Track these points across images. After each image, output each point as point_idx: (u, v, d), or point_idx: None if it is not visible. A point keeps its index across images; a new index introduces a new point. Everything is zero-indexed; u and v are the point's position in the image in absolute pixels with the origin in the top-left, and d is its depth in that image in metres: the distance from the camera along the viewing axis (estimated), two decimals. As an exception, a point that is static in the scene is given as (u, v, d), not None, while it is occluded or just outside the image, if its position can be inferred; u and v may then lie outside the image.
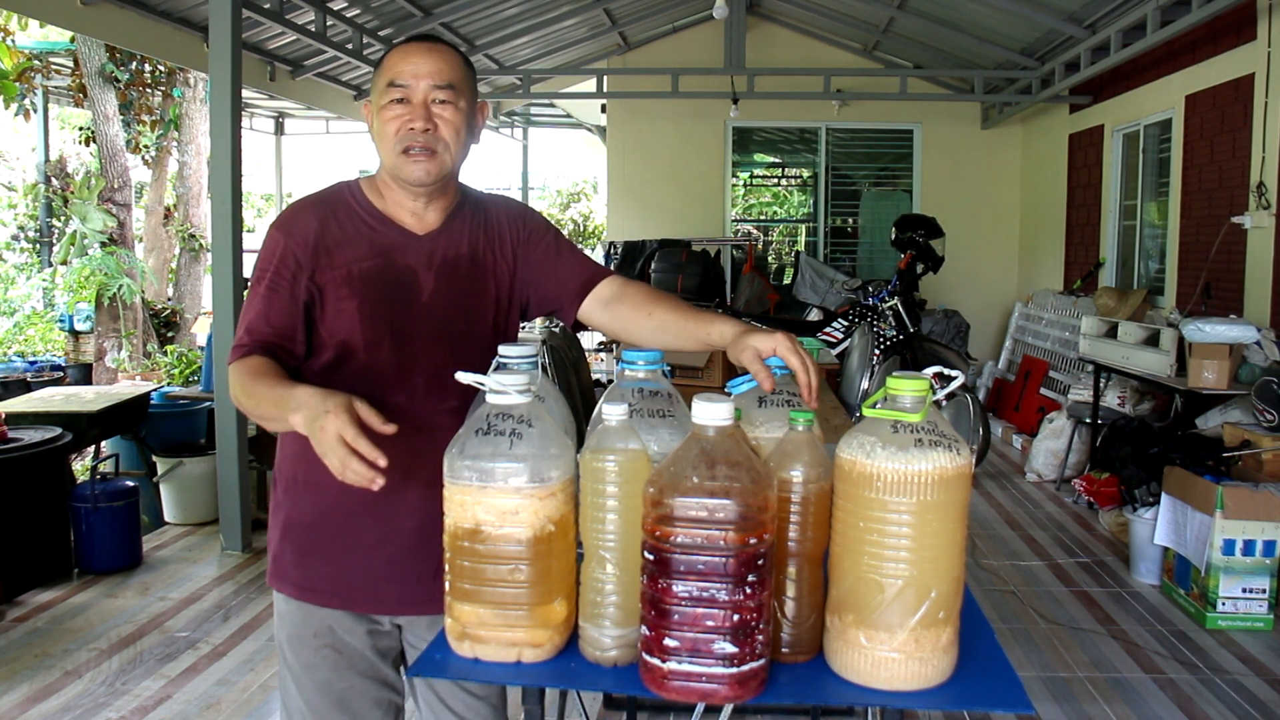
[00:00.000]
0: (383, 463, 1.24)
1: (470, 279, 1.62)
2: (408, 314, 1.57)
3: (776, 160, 10.04)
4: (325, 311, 1.55)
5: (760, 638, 1.10)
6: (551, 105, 12.78)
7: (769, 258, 10.06)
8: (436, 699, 1.69)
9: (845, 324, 5.89)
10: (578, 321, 1.70)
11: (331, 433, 1.24)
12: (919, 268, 5.85)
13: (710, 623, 1.07)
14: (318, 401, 1.29)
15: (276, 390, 1.40)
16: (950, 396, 4.28)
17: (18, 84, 8.73)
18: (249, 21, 5.53)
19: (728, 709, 1.28)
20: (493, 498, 1.20)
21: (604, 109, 9.63)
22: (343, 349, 1.55)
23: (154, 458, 5.13)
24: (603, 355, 7.59)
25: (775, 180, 10.04)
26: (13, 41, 8.70)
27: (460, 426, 1.52)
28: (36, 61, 8.85)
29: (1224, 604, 3.65)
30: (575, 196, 17.12)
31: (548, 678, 1.21)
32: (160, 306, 9.93)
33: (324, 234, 1.56)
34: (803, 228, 9.78)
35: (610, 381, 1.52)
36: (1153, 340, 5.00)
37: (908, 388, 1.15)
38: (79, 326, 9.32)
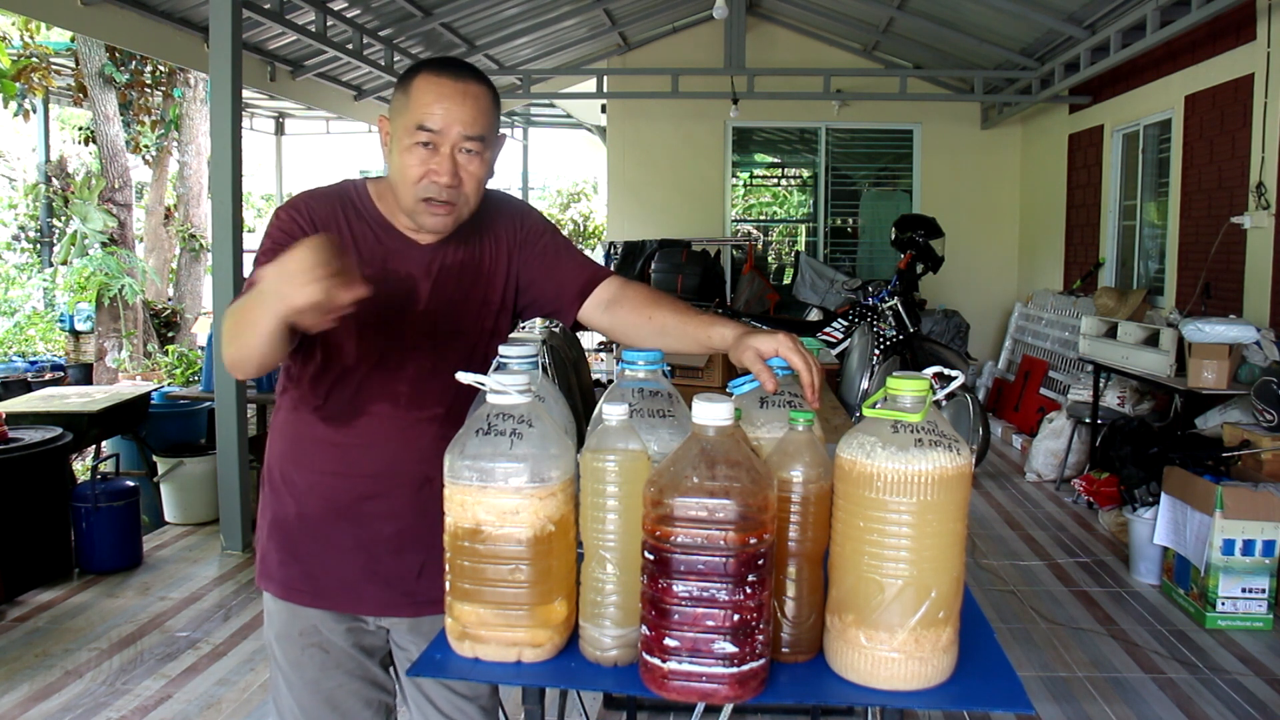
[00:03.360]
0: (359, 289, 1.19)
1: (466, 285, 1.60)
2: (403, 323, 1.55)
3: (776, 160, 10.04)
4: None
5: (760, 637, 1.10)
6: (551, 105, 12.78)
7: (769, 258, 10.06)
8: (425, 700, 1.69)
9: (845, 324, 5.89)
10: (576, 322, 1.68)
11: (294, 265, 1.19)
12: (919, 268, 5.85)
13: (710, 623, 1.07)
14: (277, 263, 1.22)
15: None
16: (950, 396, 4.29)
17: (17, 84, 8.73)
18: (249, 21, 5.53)
19: (728, 709, 1.29)
20: (493, 498, 1.20)
21: (604, 109, 9.63)
22: (334, 352, 1.54)
23: (154, 458, 5.13)
24: (603, 355, 7.59)
25: (775, 180, 10.04)
26: (32, 37, 8.71)
27: (441, 433, 1.52)
28: (35, 59, 8.84)
29: (1223, 604, 3.65)
30: (575, 196, 17.10)
31: (548, 678, 1.22)
32: (161, 306, 9.94)
33: (336, 230, 1.54)
34: (803, 228, 9.78)
35: (610, 381, 1.51)
36: (1152, 340, 5.00)
37: (908, 388, 1.15)
38: (79, 326, 9.32)
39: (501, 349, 1.36)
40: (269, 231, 1.53)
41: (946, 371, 1.23)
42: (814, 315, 7.05)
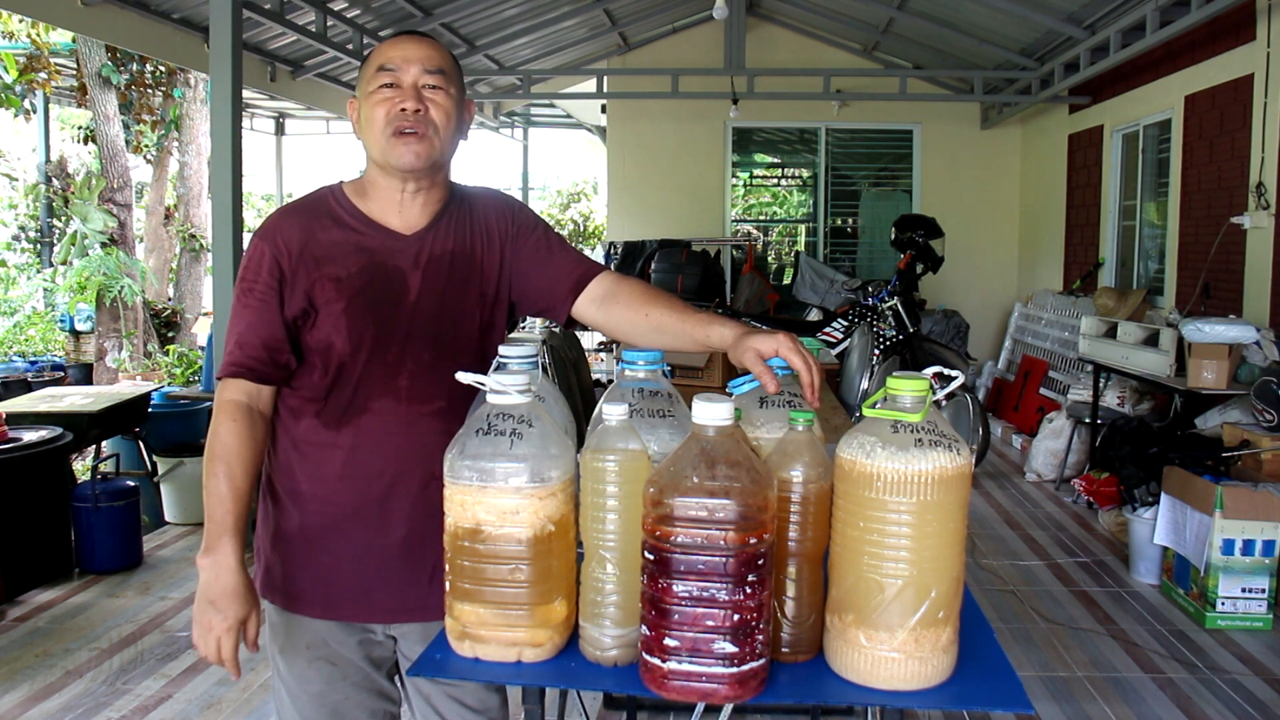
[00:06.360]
0: (235, 678, 1.54)
1: (458, 278, 1.58)
2: (395, 316, 1.53)
3: (776, 160, 10.04)
4: (315, 319, 1.52)
5: (760, 637, 1.10)
6: (551, 105, 12.78)
7: (769, 258, 10.06)
8: (433, 712, 1.66)
9: (845, 324, 5.89)
10: (571, 319, 1.66)
11: (214, 636, 1.46)
12: (919, 268, 5.85)
13: (710, 622, 1.08)
14: (218, 594, 1.46)
15: (221, 506, 1.48)
16: (950, 396, 4.28)
17: (18, 86, 8.72)
18: (249, 22, 5.53)
19: (728, 709, 1.29)
20: (493, 498, 1.20)
21: (604, 109, 9.63)
22: (329, 354, 1.52)
23: (154, 457, 5.13)
24: (603, 355, 7.58)
25: (775, 180, 10.04)
26: (40, 35, 8.72)
27: (444, 428, 1.51)
28: (42, 58, 8.84)
29: (1223, 604, 3.65)
30: (575, 196, 17.10)
31: (548, 677, 1.22)
32: (161, 307, 9.94)
33: (309, 242, 1.52)
34: (802, 228, 9.78)
35: (610, 381, 1.51)
36: (1152, 340, 5.00)
37: (908, 388, 1.15)
38: (80, 327, 9.32)
39: (501, 349, 1.36)
40: (248, 265, 1.54)
41: (946, 371, 1.23)
42: (814, 315, 7.05)
